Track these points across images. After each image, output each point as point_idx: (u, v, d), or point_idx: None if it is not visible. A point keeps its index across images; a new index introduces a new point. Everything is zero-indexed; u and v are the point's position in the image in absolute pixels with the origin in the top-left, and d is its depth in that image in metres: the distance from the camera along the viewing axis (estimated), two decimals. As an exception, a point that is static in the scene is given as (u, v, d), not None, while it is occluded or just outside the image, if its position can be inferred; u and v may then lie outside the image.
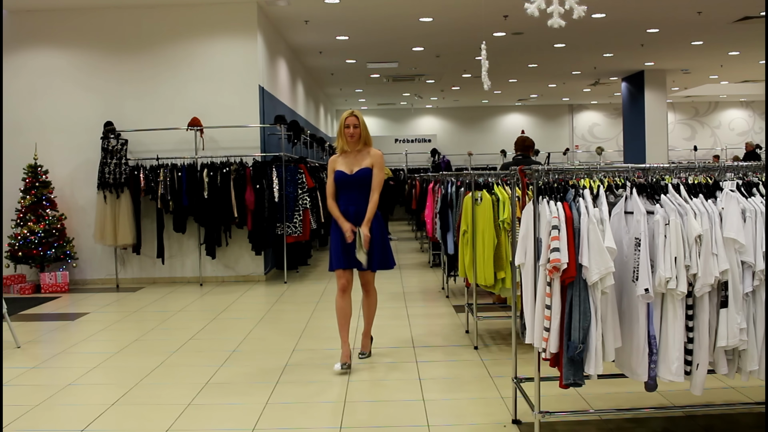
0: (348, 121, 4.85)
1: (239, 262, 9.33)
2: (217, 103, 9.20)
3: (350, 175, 4.85)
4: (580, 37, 12.35)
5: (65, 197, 9.20)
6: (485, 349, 5.36)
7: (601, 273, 3.04)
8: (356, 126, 4.84)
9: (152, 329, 6.51)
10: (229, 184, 8.68)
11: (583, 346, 3.08)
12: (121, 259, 9.31)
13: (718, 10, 10.65)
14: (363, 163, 4.85)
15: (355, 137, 4.84)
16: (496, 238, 5.14)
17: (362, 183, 4.83)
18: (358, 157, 4.87)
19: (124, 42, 9.29)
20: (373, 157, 4.87)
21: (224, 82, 9.25)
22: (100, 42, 9.30)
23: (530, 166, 3.50)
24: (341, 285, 4.87)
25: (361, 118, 4.88)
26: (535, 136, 23.18)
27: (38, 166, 8.90)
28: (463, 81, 17.45)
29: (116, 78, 9.27)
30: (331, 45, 12.35)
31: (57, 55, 9.31)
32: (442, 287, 8.16)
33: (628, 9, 10.42)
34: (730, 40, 13.01)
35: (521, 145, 7.22)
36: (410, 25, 10.96)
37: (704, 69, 16.80)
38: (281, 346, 5.65)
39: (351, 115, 4.86)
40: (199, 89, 9.24)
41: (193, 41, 9.31)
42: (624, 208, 3.25)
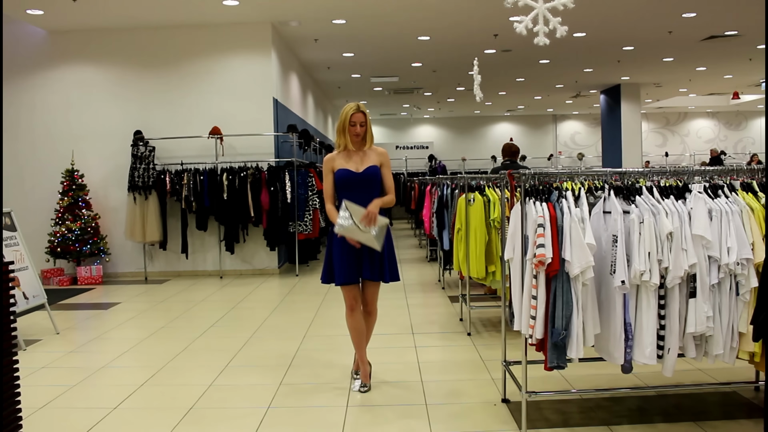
0: (354, 118, 3.88)
1: (255, 257, 9.33)
2: (236, 113, 9.20)
3: (358, 173, 3.88)
4: (563, 54, 12.34)
5: (99, 199, 9.21)
6: (477, 336, 5.36)
7: (582, 267, 3.03)
8: (363, 124, 3.90)
9: (177, 317, 6.51)
10: (246, 186, 8.68)
11: (565, 332, 3.08)
12: (149, 254, 9.32)
13: (687, 30, 10.63)
14: (370, 161, 3.93)
15: (360, 136, 3.92)
16: (487, 235, 5.14)
17: (371, 183, 3.89)
18: (361, 156, 3.96)
19: (152, 59, 9.29)
20: (380, 156, 3.97)
21: (242, 95, 9.25)
22: (130, 59, 9.30)
23: (518, 170, 3.50)
24: (349, 303, 3.99)
25: (367, 114, 3.94)
26: (523, 143, 23.19)
27: (75, 171, 8.91)
28: (457, 93, 17.44)
29: (145, 91, 9.28)
30: (339, 61, 12.35)
31: (91, 70, 9.32)
32: (439, 279, 8.15)
33: (606, 28, 10.41)
34: (698, 57, 12.99)
35: (508, 151, 7.22)
36: (410, 43, 10.95)
37: (674, 83, 16.78)
38: (293, 333, 5.67)
39: (357, 111, 3.88)
40: (219, 101, 9.24)
41: (214, 58, 9.31)
42: (603, 208, 3.24)
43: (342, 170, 3.92)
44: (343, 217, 3.78)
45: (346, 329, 4.38)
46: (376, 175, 3.91)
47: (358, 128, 3.89)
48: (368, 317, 4.11)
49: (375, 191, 3.91)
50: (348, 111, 3.89)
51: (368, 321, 4.12)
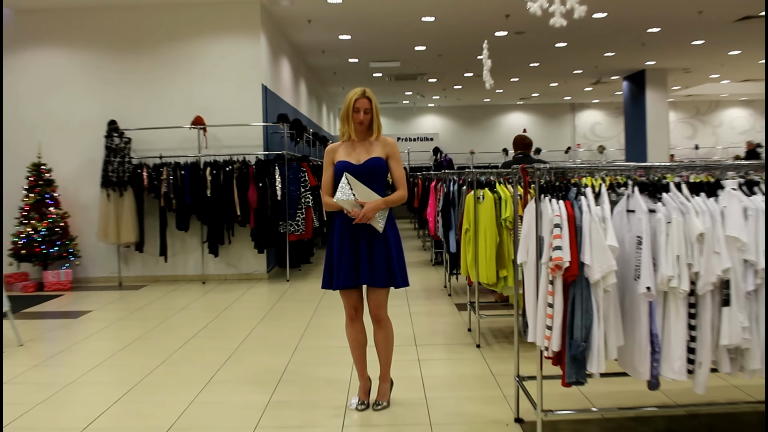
0: (358, 103, 3.82)
1: (242, 261, 9.32)
2: (220, 101, 9.19)
3: (357, 165, 3.83)
4: (582, 37, 12.32)
5: (68, 195, 9.19)
6: (487, 348, 5.34)
7: (603, 271, 3.02)
8: (368, 111, 3.83)
9: (155, 327, 6.50)
10: (231, 182, 8.67)
11: (585, 344, 3.06)
12: (124, 257, 9.31)
13: (719, 9, 10.61)
14: (374, 152, 3.87)
15: (365, 124, 3.85)
16: (498, 236, 5.13)
17: (372, 176, 3.82)
18: (366, 146, 3.89)
19: (128, 41, 9.28)
20: (387, 147, 3.89)
21: (227, 81, 9.23)
22: (104, 41, 9.28)
23: (532, 164, 3.48)
24: (348, 312, 3.94)
25: (374, 100, 3.86)
26: (537, 135, 23.19)
27: (42, 165, 8.89)
28: (465, 80, 17.43)
29: (120, 77, 9.26)
30: (334, 44, 12.33)
31: (60, 54, 9.30)
32: (444, 285, 8.14)
33: (629, 8, 10.39)
34: (731, 39, 12.98)
35: (521, 144, 7.20)
36: (412, 24, 10.94)
37: (705, 68, 16.76)
38: (284, 345, 5.64)
39: (362, 96, 3.83)
40: (202, 88, 9.23)
41: (197, 40, 9.29)
42: (626, 207, 3.23)
43: (341, 162, 3.87)
44: (342, 190, 3.79)
45: (343, 339, 4.37)
46: (379, 168, 3.85)
47: (362, 115, 3.83)
48: (377, 330, 3.98)
49: (379, 186, 3.85)
50: (352, 96, 3.85)
51: (378, 334, 3.97)
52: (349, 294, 3.92)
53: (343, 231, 3.87)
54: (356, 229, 3.84)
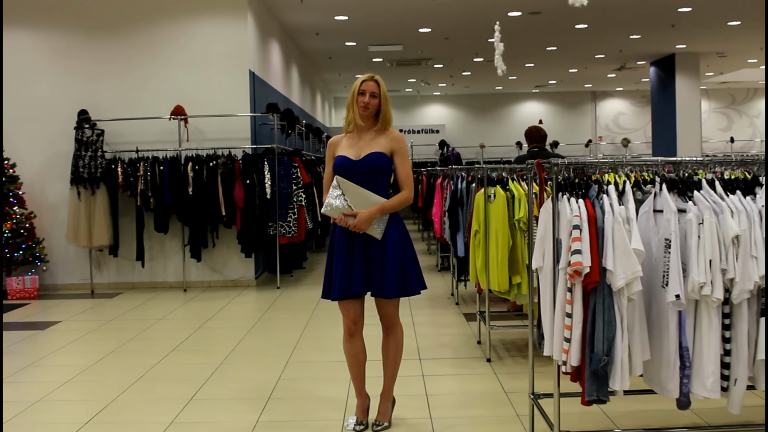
0: (364, 86, 3.86)
1: (227, 266, 9.32)
2: (203, 89, 9.19)
3: (355, 161, 3.84)
4: (604, 17, 12.32)
5: (34, 193, 9.20)
6: (499, 362, 5.34)
7: (627, 277, 3.02)
8: (375, 95, 3.85)
9: (131, 339, 6.50)
10: (216, 179, 8.68)
11: (607, 358, 3.06)
12: (97, 261, 9.31)
13: (758, -14, 10.61)
14: (376, 145, 3.88)
15: (370, 110, 3.86)
16: (511, 239, 5.12)
17: (372, 173, 3.84)
18: (369, 140, 3.91)
19: (101, 23, 9.28)
20: (392, 141, 3.90)
21: (211, 67, 9.24)
22: (74, 23, 9.29)
23: (549, 159, 3.48)
24: (347, 325, 3.93)
25: (382, 86, 3.88)
26: (554, 127, 23.19)
27: (5, 159, 8.90)
28: (474, 66, 17.43)
29: (91, 62, 9.26)
30: (329, 26, 12.34)
31: (25, 37, 9.30)
32: (452, 293, 8.15)
33: (658, -15, 10.39)
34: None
35: (536, 136, 7.20)
36: (416, 3, 10.94)
37: (742, 52, 16.75)
38: (274, 358, 5.64)
39: (370, 79, 3.87)
40: (183, 75, 9.23)
41: (177, 22, 9.30)
42: (653, 206, 3.23)
43: (339, 158, 3.89)
44: (333, 195, 3.77)
45: (339, 353, 4.35)
46: (380, 165, 3.84)
47: (367, 98, 3.85)
48: (387, 336, 4.01)
49: (379, 186, 3.84)
50: (359, 80, 3.91)
51: (388, 341, 4.00)
52: (347, 306, 3.91)
53: (343, 233, 3.87)
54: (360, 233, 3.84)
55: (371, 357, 4.08)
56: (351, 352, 3.99)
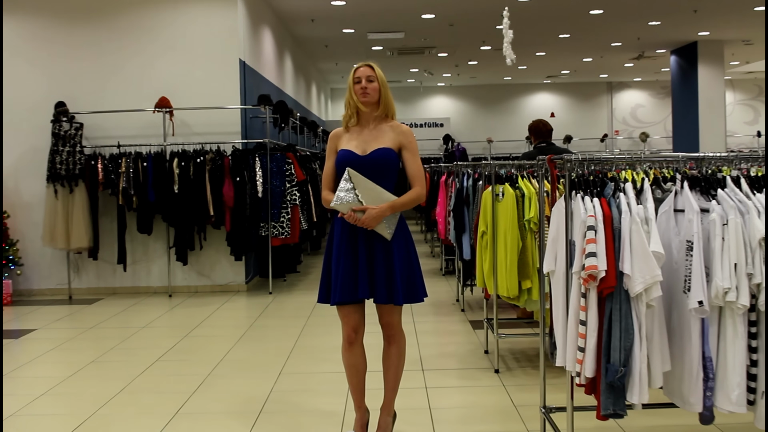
0: (358, 73, 3.89)
1: (215, 269, 9.32)
2: (190, 80, 9.19)
3: (362, 156, 3.85)
4: (622, 2, 12.32)
5: (8, 192, 9.19)
6: (508, 373, 5.34)
7: (645, 282, 3.02)
8: (371, 79, 3.88)
9: (111, 349, 6.50)
10: (203, 176, 8.67)
11: (624, 369, 3.06)
12: (75, 265, 9.31)
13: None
14: (383, 140, 3.90)
15: (371, 94, 3.88)
16: (521, 240, 5.13)
17: (381, 171, 3.85)
18: (375, 133, 3.93)
19: (80, 7, 9.28)
20: (401, 136, 3.92)
21: (198, 56, 9.24)
22: (50, 7, 9.29)
23: (561, 155, 3.48)
24: (347, 333, 3.92)
25: (378, 70, 3.92)
26: (568, 120, 23.20)
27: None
28: (481, 54, 17.43)
29: (70, 50, 9.26)
30: (325, 11, 12.34)
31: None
32: (457, 299, 8.15)
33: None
34: (801, 5, 12.98)
35: (541, 131, 7.19)
36: (419, -13, 10.95)
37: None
38: (265, 369, 5.64)
39: (363, 65, 3.92)
40: (168, 64, 9.23)
41: (162, 7, 9.29)
42: (673, 206, 3.23)
43: (343, 152, 3.89)
44: (343, 188, 3.76)
45: (336, 363, 4.36)
46: (388, 161, 3.86)
47: (364, 82, 3.86)
48: (387, 347, 4.01)
49: (384, 183, 3.84)
50: (353, 69, 3.94)
51: (390, 350, 4.00)
52: (348, 312, 3.89)
53: (344, 233, 3.86)
54: (362, 233, 3.83)
55: (371, 368, 4.08)
56: (350, 362, 3.96)
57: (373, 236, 3.82)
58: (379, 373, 4.09)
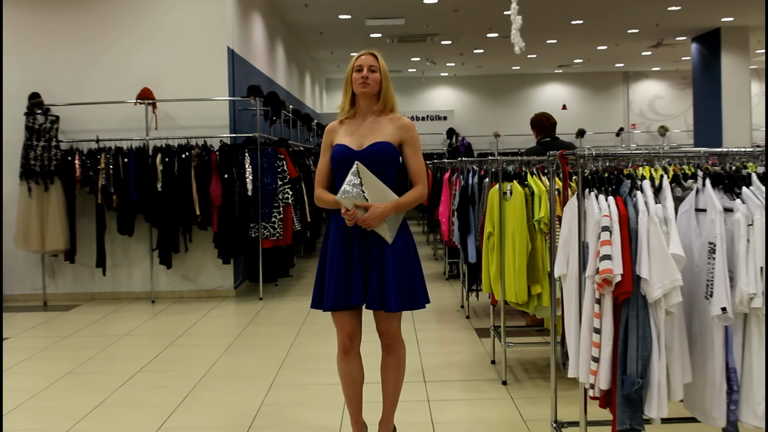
0: (361, 61, 3.87)
1: (202, 273, 9.32)
2: (174, 70, 9.19)
3: (358, 151, 3.85)
4: (639, -14, 12.32)
5: (-20, 190, 9.19)
6: (516, 385, 5.34)
7: (665, 287, 3.01)
8: (374, 69, 3.86)
9: (90, 359, 6.49)
10: (189, 173, 8.67)
11: (642, 381, 3.06)
12: (50, 269, 9.31)
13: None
14: (381, 134, 3.89)
15: (371, 85, 3.86)
16: (531, 242, 5.12)
17: (376, 166, 3.82)
18: (372, 126, 3.91)
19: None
20: (401, 130, 3.90)
21: (183, 44, 9.23)
22: (24, -8, 9.29)
23: (574, 150, 3.48)
24: (342, 341, 3.92)
25: (382, 61, 3.91)
26: (580, 112, 23.20)
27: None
28: (487, 42, 17.43)
29: (45, 38, 9.25)
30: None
31: (-31, 8, 9.30)
32: (461, 305, 8.15)
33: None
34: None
35: (544, 125, 7.19)
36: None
37: (797, 26, 16.76)
38: (256, 381, 5.64)
39: (366, 54, 3.90)
40: (151, 52, 9.22)
41: (143, -9, 9.30)
42: (695, 205, 3.22)
43: (339, 146, 3.90)
44: (350, 182, 3.77)
45: (332, 374, 4.37)
46: (385, 157, 3.84)
47: (365, 72, 3.84)
48: (386, 357, 4.01)
49: (385, 180, 3.83)
50: (353, 57, 3.93)
51: (388, 360, 4.01)
52: (343, 318, 3.89)
53: (339, 234, 3.86)
54: (357, 233, 3.82)
55: (369, 379, 4.07)
56: (346, 373, 3.95)
57: (369, 237, 3.81)
58: (377, 384, 4.08)
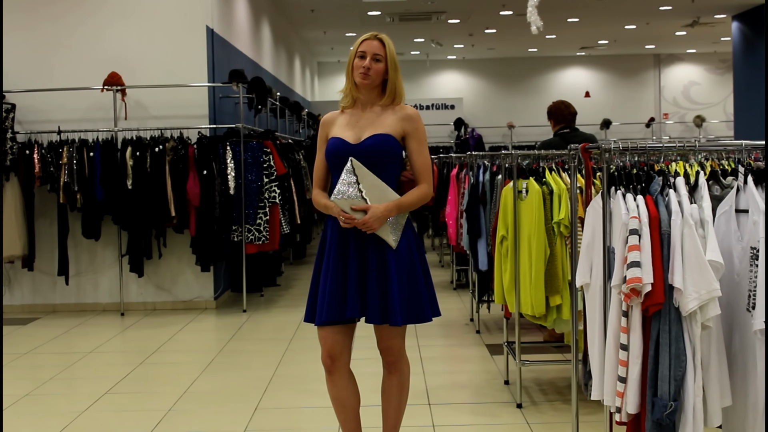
0: (364, 46, 3.86)
1: (178, 282, 9.32)
2: (146, 52, 9.19)
3: (353, 145, 3.85)
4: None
5: (-74, 188, 9.20)
6: (533, 409, 5.34)
7: (701, 298, 3.01)
8: (378, 58, 3.85)
9: (51, 379, 6.49)
10: (163, 169, 8.67)
11: (675, 404, 3.06)
12: (6, 277, 9.30)
13: None
14: (382, 125, 3.88)
15: (372, 77, 3.85)
16: (549, 247, 5.12)
17: (375, 161, 3.82)
18: (373, 116, 3.92)
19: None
20: (405, 121, 3.90)
21: (156, 23, 9.23)
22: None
23: (598, 143, 3.48)
24: (323, 357, 3.92)
25: (390, 47, 3.88)
26: (606, 101, 23.21)
27: None
28: (501, 21, 17.43)
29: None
30: (311, -32, 12.36)
31: None
32: (471, 318, 8.15)
33: None
34: None
35: (564, 114, 7.18)
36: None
37: None
38: (239, 404, 5.64)
39: (372, 38, 3.87)
40: (119, 33, 9.22)
41: (112, -37, 9.31)
42: (735, 205, 3.22)
43: (333, 140, 3.91)
44: (345, 181, 3.77)
45: (324, 396, 4.33)
46: (385, 151, 3.85)
47: (368, 60, 3.83)
48: (388, 377, 4.02)
49: (386, 176, 3.85)
50: (358, 40, 3.90)
51: (389, 383, 4.02)
52: (325, 334, 3.89)
53: (335, 238, 3.86)
54: (353, 237, 3.82)
55: (369, 401, 4.07)
56: (333, 396, 3.97)
57: (366, 241, 3.81)
58: (378, 408, 4.08)
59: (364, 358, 4.01)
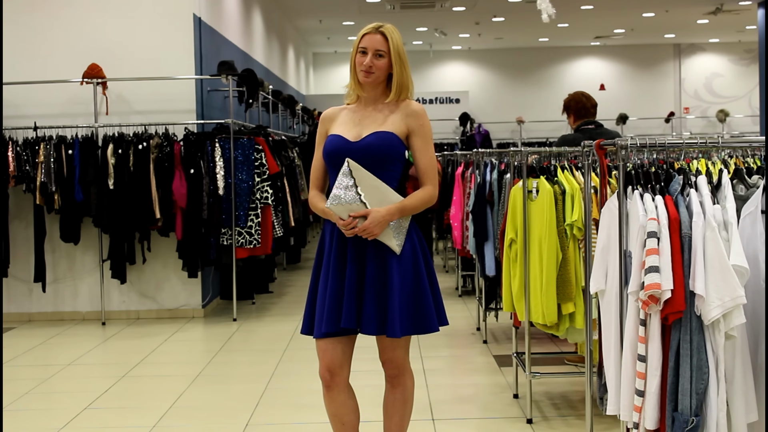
0: (366, 41, 3.87)
1: (163, 289, 9.32)
2: (129, 42, 9.19)
3: (353, 143, 3.86)
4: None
5: None
6: (544, 424, 5.34)
7: (724, 306, 3.01)
8: (381, 53, 3.84)
9: (26, 393, 6.49)
10: (147, 168, 8.67)
11: (697, 419, 3.06)
12: (-20, 284, 9.31)
13: None
14: (384, 122, 3.90)
15: (375, 74, 3.86)
16: (561, 251, 5.13)
17: (374, 161, 3.83)
18: (376, 114, 3.94)
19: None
20: (409, 117, 3.90)
21: (140, 11, 9.23)
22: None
23: (614, 140, 3.48)
24: (321, 372, 3.91)
25: (394, 40, 3.87)
26: (622, 94, 23.21)
27: None
28: (509, 8, 17.45)
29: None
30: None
31: None
32: (477, 327, 8.15)
33: None
34: None
35: (585, 107, 7.11)
36: None
37: None
38: (228, 419, 5.64)
39: (373, 32, 3.88)
40: (100, 22, 9.22)
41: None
42: (761, 206, 3.22)
43: (332, 138, 3.92)
44: (341, 185, 3.76)
45: (320, 410, 4.37)
46: (387, 150, 3.85)
47: (370, 57, 3.83)
48: (390, 390, 4.04)
49: (387, 177, 3.86)
50: (360, 33, 3.92)
51: (392, 397, 4.03)
52: (324, 346, 3.89)
53: (334, 243, 3.86)
54: (351, 242, 3.82)
55: (370, 416, 4.07)
56: (331, 412, 3.98)
57: (364, 246, 3.81)
58: (379, 423, 4.09)
59: (364, 370, 4.01)
